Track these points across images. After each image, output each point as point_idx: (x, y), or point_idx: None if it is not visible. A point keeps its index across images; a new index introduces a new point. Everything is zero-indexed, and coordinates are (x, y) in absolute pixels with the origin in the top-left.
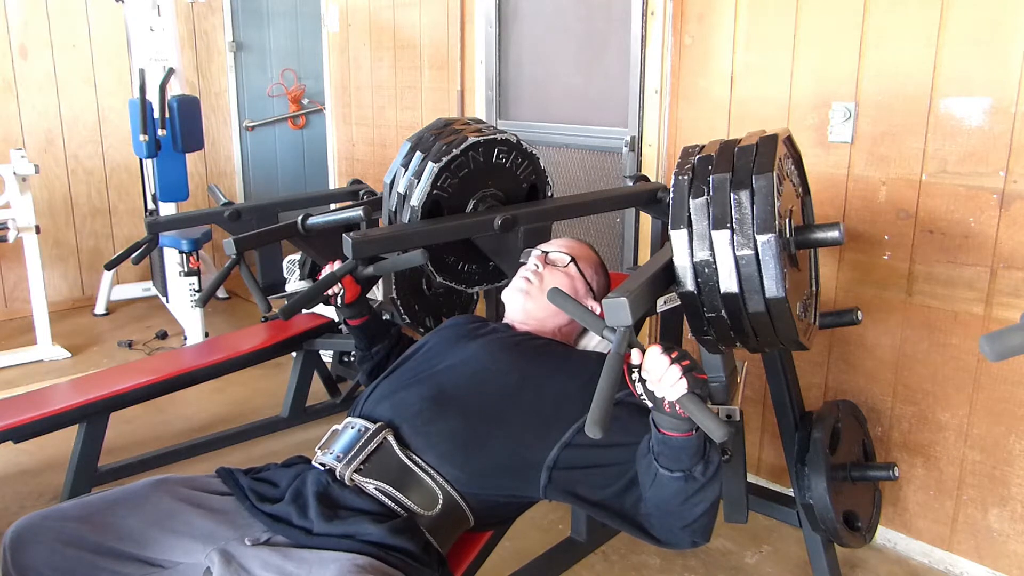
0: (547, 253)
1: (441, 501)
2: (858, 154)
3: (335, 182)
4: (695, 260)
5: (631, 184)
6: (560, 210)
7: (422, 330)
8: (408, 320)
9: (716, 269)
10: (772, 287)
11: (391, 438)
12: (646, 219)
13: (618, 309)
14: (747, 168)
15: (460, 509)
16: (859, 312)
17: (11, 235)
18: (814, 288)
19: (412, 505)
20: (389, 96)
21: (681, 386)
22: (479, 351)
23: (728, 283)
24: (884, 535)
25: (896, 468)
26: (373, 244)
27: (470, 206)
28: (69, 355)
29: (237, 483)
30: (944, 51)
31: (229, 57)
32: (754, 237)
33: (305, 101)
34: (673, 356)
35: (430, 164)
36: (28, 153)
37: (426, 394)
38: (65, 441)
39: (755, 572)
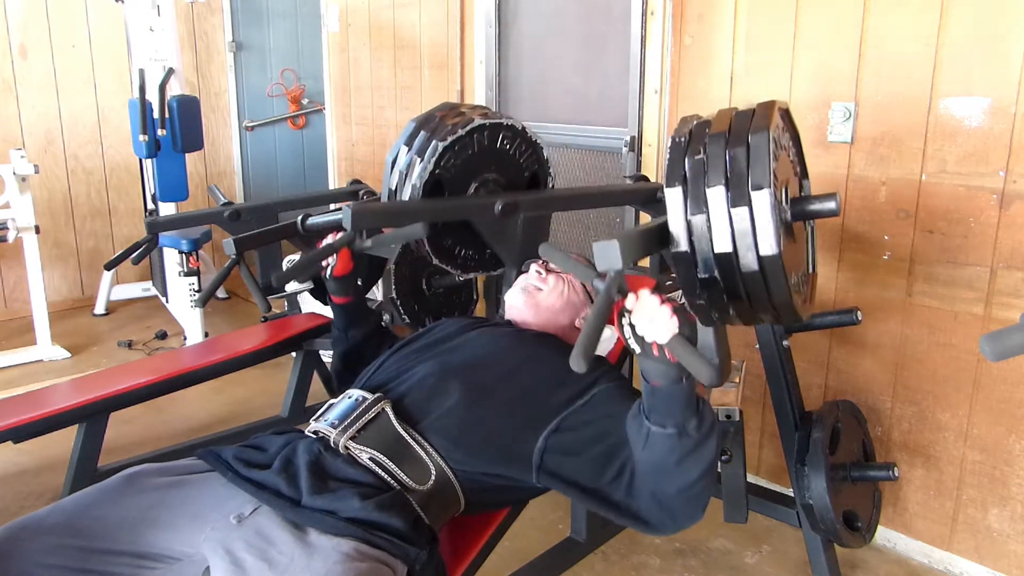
0: (547, 262)
1: (433, 477)
2: (858, 154)
3: (335, 182)
4: (689, 218)
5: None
6: (561, 201)
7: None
8: (408, 320)
9: (710, 227)
10: (766, 244)
11: (389, 409)
12: (645, 219)
13: (609, 251)
14: (744, 128)
15: (452, 487)
16: (859, 312)
17: (11, 235)
18: (810, 270)
19: (404, 478)
20: (389, 96)
21: (672, 325)
22: (481, 336)
23: (722, 242)
24: (884, 535)
25: (896, 468)
26: (372, 216)
27: (471, 190)
28: (69, 355)
29: (219, 457)
30: (944, 51)
31: (229, 57)
32: (749, 193)
33: (305, 101)
34: (663, 298)
35: (435, 142)
36: (28, 153)
37: (428, 371)
38: (65, 441)
39: (755, 572)
